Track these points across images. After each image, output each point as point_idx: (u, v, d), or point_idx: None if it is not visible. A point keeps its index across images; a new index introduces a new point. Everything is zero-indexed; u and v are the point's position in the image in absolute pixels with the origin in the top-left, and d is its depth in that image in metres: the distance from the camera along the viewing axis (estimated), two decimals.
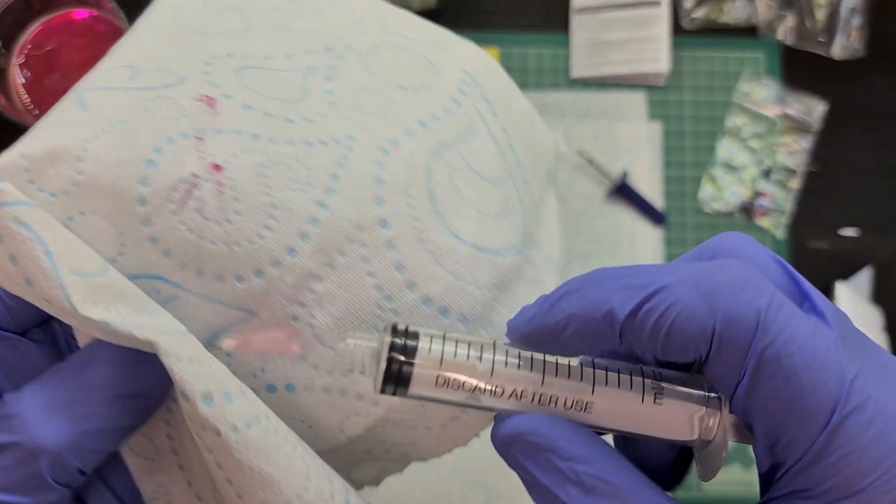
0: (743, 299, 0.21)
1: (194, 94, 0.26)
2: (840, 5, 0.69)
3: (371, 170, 0.27)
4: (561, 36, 0.70)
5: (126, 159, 0.25)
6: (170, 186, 0.25)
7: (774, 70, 0.70)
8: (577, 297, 0.24)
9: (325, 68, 0.29)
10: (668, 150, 0.69)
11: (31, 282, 0.23)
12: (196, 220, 0.25)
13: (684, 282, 0.22)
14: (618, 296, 0.22)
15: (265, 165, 0.26)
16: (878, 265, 0.68)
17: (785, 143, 0.69)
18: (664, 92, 0.70)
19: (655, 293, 0.22)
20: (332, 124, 0.27)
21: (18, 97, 0.56)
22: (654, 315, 0.22)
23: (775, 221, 0.68)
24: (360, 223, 0.26)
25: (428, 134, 0.29)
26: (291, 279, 0.26)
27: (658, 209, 0.68)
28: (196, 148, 0.25)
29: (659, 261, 0.67)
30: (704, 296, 0.21)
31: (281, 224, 0.26)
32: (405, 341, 0.24)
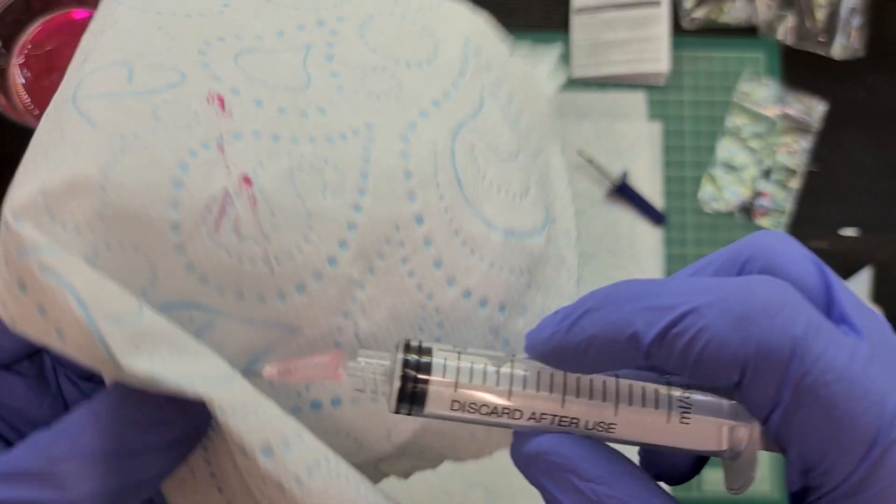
0: (777, 326, 0.20)
1: (201, 93, 0.24)
2: (840, 5, 0.69)
3: (397, 162, 0.26)
4: (561, 36, 0.70)
5: (152, 182, 0.22)
6: (202, 207, 0.23)
7: (774, 70, 0.70)
8: (598, 317, 0.22)
9: (322, 45, 0.28)
10: (668, 150, 0.69)
11: (63, 334, 0.21)
12: (233, 241, 0.23)
13: (714, 305, 0.21)
14: (642, 318, 0.21)
15: (294, 171, 0.24)
16: (878, 265, 0.68)
17: (785, 143, 0.69)
18: (664, 92, 0.70)
19: (683, 317, 0.21)
20: (345, 112, 0.26)
21: (18, 97, 0.56)
22: (681, 340, 0.21)
23: (775, 221, 0.68)
24: (396, 222, 0.25)
25: (443, 114, 0.27)
26: (334, 290, 0.25)
27: (658, 209, 0.68)
28: (221, 159, 0.24)
29: (659, 261, 0.67)
30: (736, 322, 0.20)
31: (319, 234, 0.24)
32: (419, 359, 0.23)
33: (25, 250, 0.21)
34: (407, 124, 0.27)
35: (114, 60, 0.24)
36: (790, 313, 0.20)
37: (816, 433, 0.20)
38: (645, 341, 0.21)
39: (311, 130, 0.25)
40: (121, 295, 0.22)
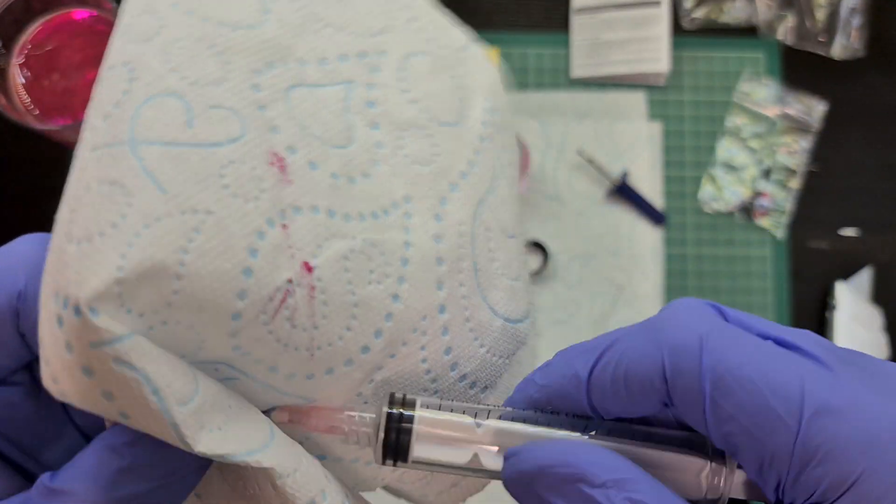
0: (684, 328, 0.22)
1: (263, 152, 0.24)
2: (840, 5, 0.69)
3: (432, 247, 0.27)
4: (561, 36, 0.70)
5: (224, 270, 0.22)
6: (266, 297, 0.23)
7: (774, 70, 0.70)
8: (548, 370, 0.25)
9: (363, 85, 0.27)
10: (668, 150, 0.69)
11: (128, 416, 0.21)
12: (285, 329, 0.23)
13: (632, 332, 0.23)
14: (579, 360, 0.24)
15: (348, 258, 0.25)
16: (879, 265, 0.68)
17: (785, 143, 0.69)
18: (664, 92, 0.70)
19: (608, 348, 0.23)
20: (386, 178, 0.27)
21: (18, 97, 0.56)
22: (610, 367, 0.23)
23: (775, 221, 0.68)
24: (425, 312, 0.26)
25: (469, 187, 0.28)
26: (359, 374, 0.25)
27: (658, 209, 0.68)
28: (285, 242, 0.23)
29: (659, 260, 0.67)
30: (650, 336, 0.22)
31: (360, 323, 0.25)
32: (402, 411, 0.24)
33: (101, 342, 0.20)
34: (439, 199, 0.27)
35: (168, 88, 0.23)
36: (697, 316, 0.22)
37: (746, 417, 0.21)
38: (583, 378, 0.23)
39: (362, 206, 0.26)
40: (182, 371, 0.22)
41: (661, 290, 0.67)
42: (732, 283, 0.68)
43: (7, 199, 0.69)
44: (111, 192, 0.21)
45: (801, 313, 0.68)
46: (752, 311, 0.66)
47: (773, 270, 0.68)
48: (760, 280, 0.68)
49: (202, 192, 0.22)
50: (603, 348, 0.23)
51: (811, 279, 0.68)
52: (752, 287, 0.68)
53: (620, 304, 0.67)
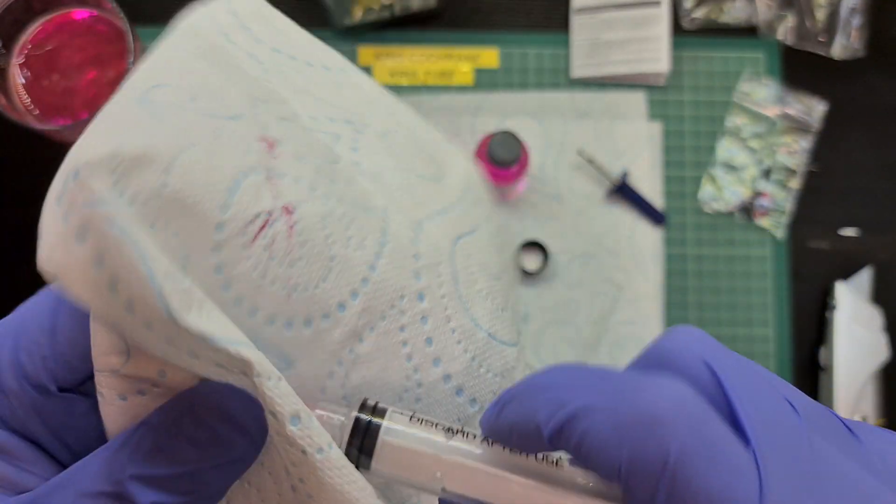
0: (651, 440, 0.20)
1: (255, 132, 0.26)
2: (840, 5, 0.69)
3: (409, 244, 0.28)
4: (561, 36, 0.70)
5: (212, 182, 0.24)
6: (247, 219, 0.24)
7: (774, 70, 0.70)
8: (514, 407, 0.23)
9: (349, 139, 0.30)
10: (668, 150, 0.69)
11: (116, 288, 0.21)
12: (262, 258, 0.25)
13: (600, 407, 0.21)
14: (544, 411, 0.22)
15: (326, 217, 0.26)
16: (878, 265, 0.69)
17: (785, 142, 0.69)
18: (664, 92, 0.70)
19: (573, 416, 0.21)
20: (367, 192, 0.29)
21: (18, 97, 0.56)
22: (572, 438, 0.21)
23: (775, 221, 0.68)
24: (402, 292, 0.27)
25: (446, 223, 0.30)
26: (338, 335, 0.26)
27: (658, 209, 0.68)
28: (270, 186, 0.25)
29: (659, 260, 0.67)
30: (615, 429, 0.20)
31: (336, 277, 0.26)
32: (371, 418, 0.24)
33: (94, 201, 0.21)
34: (417, 221, 0.29)
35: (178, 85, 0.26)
36: (670, 426, 0.20)
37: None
38: (545, 433, 0.22)
39: (342, 194, 0.28)
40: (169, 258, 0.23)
41: (661, 290, 0.67)
42: (732, 283, 0.68)
43: (7, 199, 0.69)
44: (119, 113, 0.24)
45: (801, 313, 0.68)
46: (752, 312, 0.67)
47: (773, 270, 0.68)
48: (760, 280, 0.68)
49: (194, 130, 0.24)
50: (568, 412, 0.21)
51: (811, 279, 0.69)
52: (751, 287, 0.68)
53: (620, 304, 0.67)
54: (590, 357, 0.66)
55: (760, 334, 0.68)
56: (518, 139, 0.60)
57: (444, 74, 0.69)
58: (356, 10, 0.66)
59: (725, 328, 0.67)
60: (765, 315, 0.68)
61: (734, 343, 0.67)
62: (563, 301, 0.67)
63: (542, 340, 0.66)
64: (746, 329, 0.68)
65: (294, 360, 0.26)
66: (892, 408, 0.65)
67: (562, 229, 0.68)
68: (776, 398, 0.21)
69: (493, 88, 0.69)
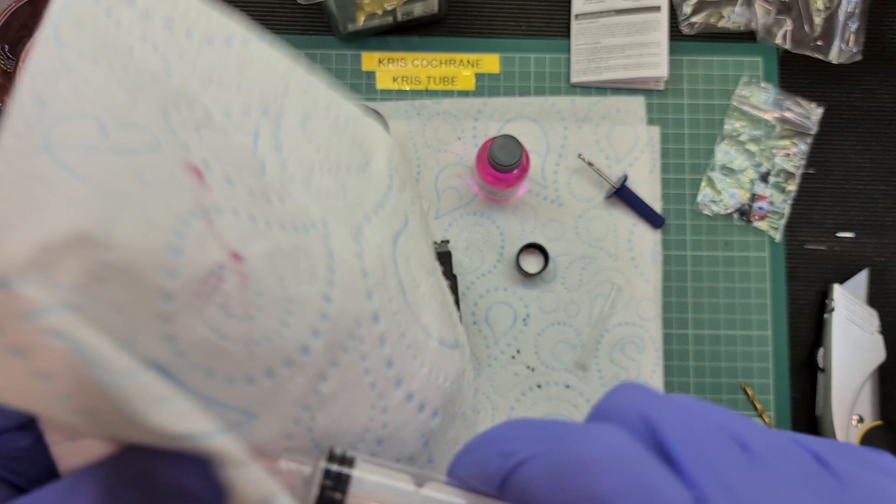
0: (582, 484, 0.20)
1: (180, 162, 0.23)
2: (837, 11, 0.70)
3: (355, 261, 0.26)
4: (561, 42, 0.71)
5: (151, 246, 0.21)
6: (198, 280, 0.22)
7: (772, 74, 0.71)
8: (471, 458, 0.24)
9: (269, 136, 0.28)
10: (667, 154, 0.70)
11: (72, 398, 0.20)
12: (220, 319, 0.22)
13: (541, 457, 0.21)
14: (494, 462, 0.23)
15: (275, 255, 0.24)
16: (875, 267, 0.69)
17: (783, 146, 0.70)
18: (663, 96, 0.70)
19: (516, 466, 0.22)
20: (302, 203, 0.26)
21: None
22: (516, 487, 0.22)
23: (773, 224, 0.69)
24: (358, 318, 0.26)
25: (382, 222, 0.29)
26: (302, 380, 0.24)
27: (657, 212, 0.68)
28: (212, 233, 0.22)
29: (658, 262, 0.68)
30: (551, 476, 0.21)
31: (296, 320, 0.24)
32: (339, 469, 0.23)
33: (32, 313, 0.19)
34: (356, 227, 0.27)
35: (81, 111, 0.22)
36: (601, 469, 0.20)
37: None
38: (494, 485, 0.22)
39: (281, 218, 0.25)
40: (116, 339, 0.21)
41: (659, 292, 0.68)
42: (730, 285, 0.69)
43: None
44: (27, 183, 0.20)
45: (799, 315, 0.69)
46: (751, 313, 0.68)
47: (771, 272, 0.69)
48: (758, 282, 0.69)
49: (119, 180, 0.21)
50: (513, 463, 0.22)
51: (808, 281, 0.69)
52: (749, 289, 0.69)
53: (620, 306, 0.68)
54: (589, 358, 0.67)
55: (758, 336, 0.68)
56: (519, 143, 0.61)
57: (446, 80, 0.70)
58: (359, 17, 0.67)
59: (723, 330, 0.68)
60: (763, 316, 0.68)
61: (733, 344, 0.68)
62: (563, 303, 0.68)
63: (542, 342, 0.67)
64: (744, 330, 0.68)
65: (257, 413, 0.24)
66: (888, 408, 0.66)
67: (562, 232, 0.68)
68: (720, 440, 0.21)
69: (495, 93, 0.70)
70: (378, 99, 0.70)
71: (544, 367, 0.67)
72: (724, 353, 0.68)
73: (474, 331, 0.67)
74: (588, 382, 0.67)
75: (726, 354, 0.68)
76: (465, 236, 0.68)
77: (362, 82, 0.70)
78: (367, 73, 0.70)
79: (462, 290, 0.67)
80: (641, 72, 0.69)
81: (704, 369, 0.68)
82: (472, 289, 0.68)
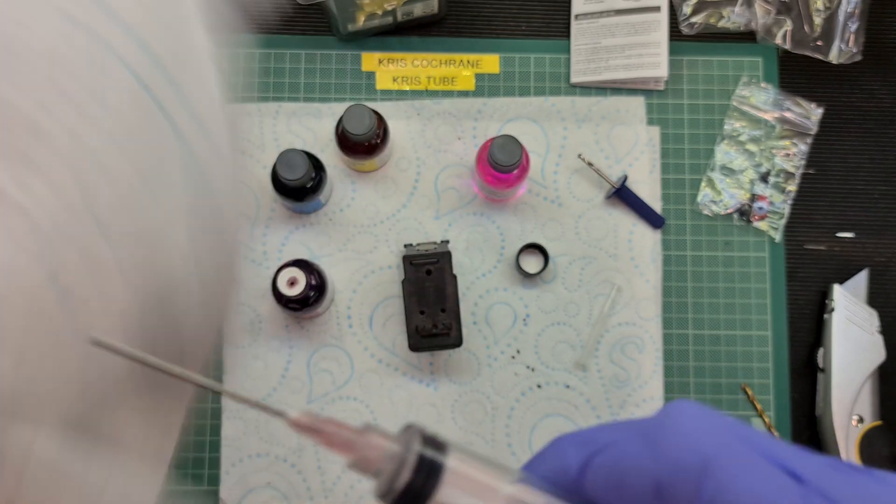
0: (686, 446, 0.20)
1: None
2: (837, 11, 0.70)
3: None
4: (561, 42, 0.71)
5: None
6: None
7: (772, 74, 0.71)
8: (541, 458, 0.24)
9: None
10: (667, 154, 0.70)
11: None
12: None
13: (630, 437, 0.22)
14: (572, 452, 0.23)
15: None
16: (875, 267, 0.69)
17: (782, 146, 0.70)
18: (663, 96, 0.71)
19: (604, 449, 0.22)
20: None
21: None
22: (603, 471, 0.22)
23: (773, 224, 0.69)
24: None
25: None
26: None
27: (657, 212, 0.68)
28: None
29: (658, 262, 0.68)
30: (650, 445, 0.21)
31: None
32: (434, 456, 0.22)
33: None
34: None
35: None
36: (704, 432, 0.20)
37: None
38: (573, 471, 0.22)
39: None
40: None
41: (659, 292, 0.68)
42: (730, 286, 0.69)
43: None
44: None
45: (799, 315, 0.69)
46: (751, 313, 0.68)
47: (771, 272, 0.69)
48: (758, 282, 0.69)
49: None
50: (599, 446, 0.22)
51: (808, 281, 0.69)
52: (749, 289, 0.69)
53: (620, 306, 0.68)
54: (589, 358, 0.67)
55: (758, 336, 0.68)
56: (519, 143, 0.61)
57: (446, 80, 0.70)
58: (359, 17, 0.67)
59: (723, 330, 0.68)
60: (762, 317, 0.68)
61: (733, 344, 0.68)
62: (563, 303, 0.68)
63: (542, 342, 0.67)
64: (744, 331, 0.68)
65: None
66: (888, 408, 0.66)
67: (562, 232, 0.68)
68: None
69: (495, 93, 0.70)
70: (378, 99, 0.70)
71: (544, 367, 0.67)
72: (724, 353, 0.68)
73: (474, 331, 0.67)
74: (588, 382, 0.67)
75: (726, 354, 0.68)
76: (465, 236, 0.68)
77: (362, 82, 0.70)
78: (367, 74, 0.70)
79: (462, 290, 0.67)
80: (641, 72, 0.69)
81: (704, 369, 0.68)
82: (472, 289, 0.68)
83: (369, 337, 0.67)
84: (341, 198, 0.68)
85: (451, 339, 0.62)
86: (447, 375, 0.67)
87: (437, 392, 0.67)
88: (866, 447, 0.64)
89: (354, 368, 0.67)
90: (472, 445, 0.67)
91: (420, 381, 0.67)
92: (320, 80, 0.70)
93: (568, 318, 0.68)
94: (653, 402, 0.66)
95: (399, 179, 0.69)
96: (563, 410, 0.67)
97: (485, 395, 0.67)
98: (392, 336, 0.67)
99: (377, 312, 0.67)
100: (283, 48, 0.71)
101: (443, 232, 0.68)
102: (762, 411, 0.67)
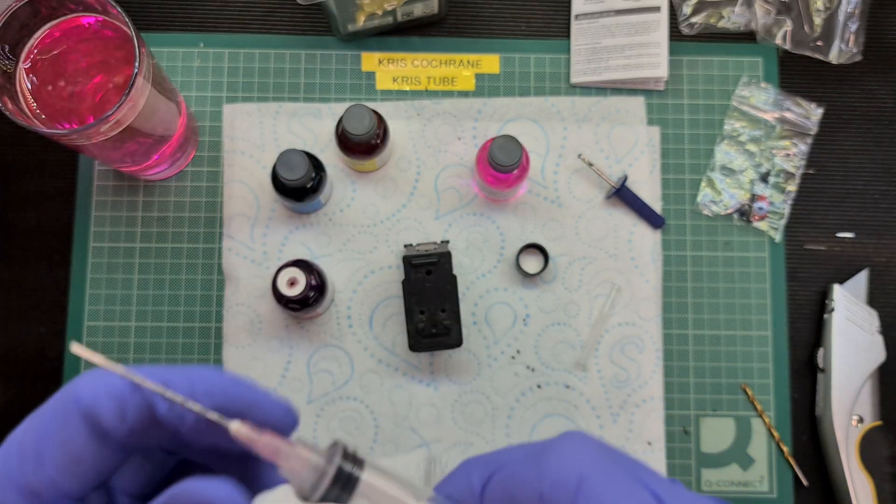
0: (566, 465, 0.24)
1: None
2: (837, 11, 0.70)
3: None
4: (561, 42, 0.71)
5: None
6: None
7: (772, 74, 0.71)
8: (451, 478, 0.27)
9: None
10: (667, 154, 0.70)
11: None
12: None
13: (523, 458, 0.25)
14: (476, 473, 0.26)
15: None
16: (875, 267, 0.69)
17: (782, 146, 0.70)
18: (663, 96, 0.70)
19: (500, 469, 0.25)
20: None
21: (26, 102, 0.56)
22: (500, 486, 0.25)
23: (773, 224, 0.69)
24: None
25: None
26: None
27: (657, 212, 0.68)
28: None
29: (658, 263, 0.68)
30: (536, 465, 0.24)
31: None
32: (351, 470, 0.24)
33: None
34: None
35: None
36: (581, 454, 0.24)
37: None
38: (477, 491, 0.25)
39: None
40: None
41: (659, 293, 0.68)
42: (730, 286, 0.69)
43: (15, 203, 0.69)
44: None
45: (798, 315, 0.69)
46: (751, 313, 0.68)
47: (771, 273, 0.69)
48: (758, 282, 0.69)
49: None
50: (496, 467, 0.25)
51: (808, 281, 0.69)
52: (749, 289, 0.69)
53: (620, 306, 0.68)
54: (589, 358, 0.67)
55: (758, 336, 0.68)
56: (519, 144, 0.61)
57: (446, 80, 0.70)
58: (359, 17, 0.67)
59: (723, 330, 0.68)
60: (762, 317, 0.68)
61: (733, 344, 0.68)
62: (563, 303, 0.68)
63: (542, 342, 0.67)
64: (744, 331, 0.68)
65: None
66: (888, 408, 0.66)
67: (562, 232, 0.68)
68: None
69: (495, 94, 0.70)
70: (378, 99, 0.70)
71: (544, 368, 0.67)
72: (724, 353, 0.68)
73: (474, 331, 0.67)
74: (588, 382, 0.67)
75: (726, 354, 0.68)
76: (465, 236, 0.68)
77: (362, 83, 0.70)
78: (367, 74, 0.70)
79: (462, 291, 0.67)
80: (641, 72, 0.69)
81: (704, 369, 0.68)
82: (472, 289, 0.68)
83: (369, 337, 0.67)
84: (341, 198, 0.68)
85: (451, 339, 0.62)
86: (447, 375, 0.67)
87: (437, 392, 0.67)
88: (866, 447, 0.64)
89: (354, 368, 0.67)
90: (473, 446, 0.67)
91: (420, 381, 0.67)
92: (320, 80, 0.70)
93: (568, 318, 0.68)
94: (653, 402, 0.66)
95: (399, 179, 0.69)
96: (563, 410, 0.67)
97: (485, 396, 0.67)
98: (392, 336, 0.67)
99: (377, 312, 0.67)
100: (283, 48, 0.71)
101: (443, 232, 0.68)
102: (762, 411, 0.67)
